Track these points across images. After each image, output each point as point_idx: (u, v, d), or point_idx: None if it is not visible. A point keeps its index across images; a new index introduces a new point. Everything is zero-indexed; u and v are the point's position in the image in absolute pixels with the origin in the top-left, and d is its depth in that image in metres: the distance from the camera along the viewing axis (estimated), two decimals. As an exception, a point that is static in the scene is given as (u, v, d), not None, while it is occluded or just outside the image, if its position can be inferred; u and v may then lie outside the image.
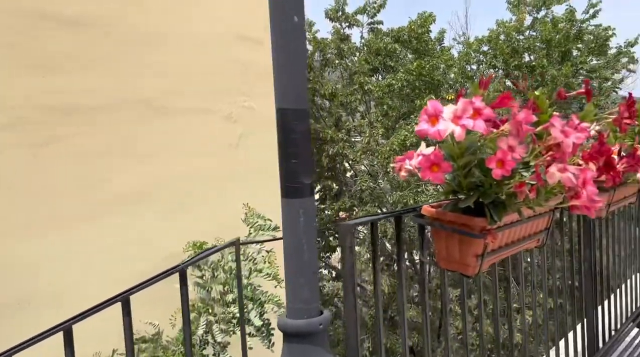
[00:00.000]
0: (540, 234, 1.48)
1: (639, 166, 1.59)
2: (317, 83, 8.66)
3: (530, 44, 10.49)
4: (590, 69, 10.75)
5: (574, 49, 10.83)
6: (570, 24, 10.58)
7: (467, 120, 1.01)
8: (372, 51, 9.54)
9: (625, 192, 2.27)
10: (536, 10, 11.14)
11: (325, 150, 8.21)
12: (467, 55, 10.96)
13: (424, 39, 9.62)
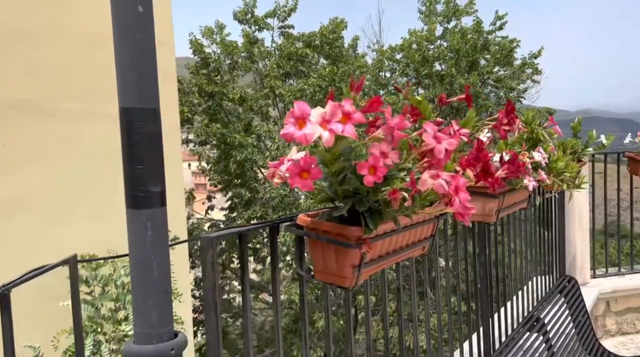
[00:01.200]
0: (425, 242, 1.50)
1: (520, 172, 1.65)
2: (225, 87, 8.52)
3: (440, 53, 11.07)
4: (496, 78, 11.53)
5: (481, 59, 11.57)
6: (478, 35, 11.30)
7: (336, 125, 0.98)
8: (284, 55, 9.59)
9: (515, 198, 2.40)
10: (447, 20, 11.79)
11: (233, 156, 8.08)
12: (380, 63, 11.34)
13: (336, 45, 9.82)
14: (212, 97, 8.98)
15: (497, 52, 11.15)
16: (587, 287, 4.25)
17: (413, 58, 10.73)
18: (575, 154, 3.65)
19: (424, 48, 10.94)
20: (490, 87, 11.34)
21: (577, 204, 4.26)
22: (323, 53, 9.74)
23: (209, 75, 9.41)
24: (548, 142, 2.45)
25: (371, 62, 11.19)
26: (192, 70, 9.93)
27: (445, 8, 11.85)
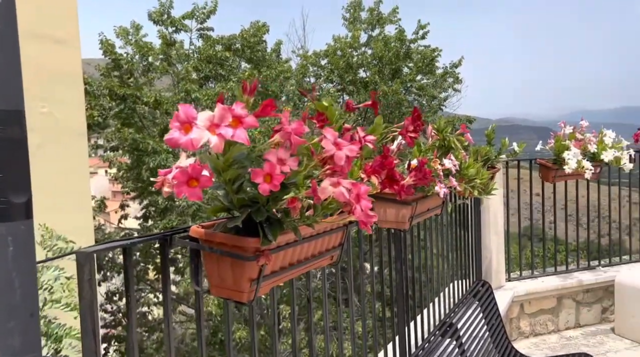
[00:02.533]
0: (334, 251, 1.49)
1: (428, 180, 1.69)
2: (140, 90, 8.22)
3: (364, 60, 11.34)
4: (419, 86, 11.97)
5: (404, 67, 11.98)
6: (401, 43, 11.68)
7: (226, 129, 0.95)
8: (202, 58, 9.41)
9: (429, 204, 2.47)
10: (371, 28, 12.11)
11: (146, 162, 7.80)
12: (304, 68, 11.44)
13: (258, 49, 9.78)
14: (124, 100, 8.63)
15: (420, 60, 11.61)
16: (502, 291, 4.48)
17: (337, 64, 10.92)
18: (488, 160, 3.84)
19: (348, 55, 11.18)
20: (413, 95, 11.78)
21: (492, 209, 4.48)
22: (244, 57, 9.68)
23: (121, 78, 9.05)
24: (459, 150, 2.55)
25: (295, 67, 11.26)
26: (103, 72, 9.52)
27: (369, 16, 12.19)
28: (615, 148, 4.71)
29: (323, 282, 2.01)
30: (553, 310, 4.72)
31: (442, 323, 2.50)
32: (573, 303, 4.81)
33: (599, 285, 4.89)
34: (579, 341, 4.55)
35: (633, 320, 4.47)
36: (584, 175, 4.47)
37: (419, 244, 2.87)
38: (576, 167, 4.39)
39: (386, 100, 10.11)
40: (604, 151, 4.63)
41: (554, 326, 4.72)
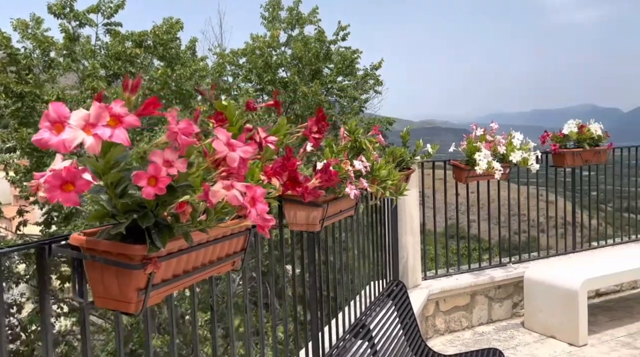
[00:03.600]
0: (235, 256, 1.47)
1: (334, 181, 1.70)
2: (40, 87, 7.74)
3: (283, 60, 11.36)
4: (340, 88, 12.15)
5: (324, 68, 12.12)
6: (321, 44, 11.81)
7: (103, 129, 0.90)
8: (110, 55, 9.02)
9: (341, 206, 2.49)
10: (290, 28, 12.16)
11: (47, 164, 7.37)
12: (221, 67, 11.27)
13: (171, 47, 9.52)
14: (22, 98, 8.06)
15: (340, 62, 11.79)
16: (418, 290, 4.63)
17: (256, 64, 10.86)
18: (403, 162, 3.96)
19: (267, 54, 11.15)
20: (334, 96, 11.97)
21: (408, 209, 4.62)
22: (157, 54, 9.38)
23: (18, 74, 8.46)
24: (371, 151, 2.60)
25: (212, 66, 11.07)
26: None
27: (289, 15, 12.23)
28: (523, 149, 5.00)
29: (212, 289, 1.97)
30: (467, 307, 4.94)
31: (354, 324, 2.54)
32: (486, 299, 5.07)
33: (510, 281, 5.18)
34: (491, 336, 4.79)
35: (540, 314, 4.78)
36: (494, 175, 4.72)
37: (335, 246, 2.90)
38: (486, 168, 4.62)
39: (306, 101, 10.19)
40: (512, 152, 4.91)
41: (468, 322, 4.95)
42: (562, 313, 4.59)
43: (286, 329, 2.49)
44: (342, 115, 11.25)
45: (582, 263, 5.21)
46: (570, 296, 4.52)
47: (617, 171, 6.65)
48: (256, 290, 5.67)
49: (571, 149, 5.67)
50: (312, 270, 2.55)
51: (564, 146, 5.69)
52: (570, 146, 5.72)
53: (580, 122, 5.76)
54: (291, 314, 5.78)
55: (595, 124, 5.77)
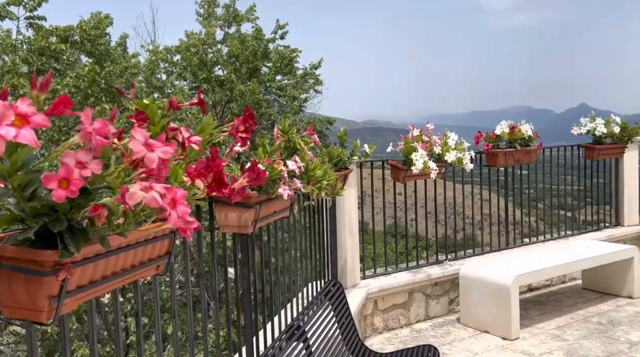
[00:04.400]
0: (159, 260, 1.44)
1: (263, 180, 1.70)
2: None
3: (219, 58, 11.21)
4: (279, 87, 12.14)
5: (262, 67, 12.07)
6: (258, 42, 11.74)
7: (7, 129, 0.87)
8: (33, 50, 8.61)
9: (275, 207, 2.50)
10: (227, 25, 12.03)
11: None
12: (154, 64, 10.99)
13: (100, 42, 9.19)
14: None
15: (278, 60, 11.78)
16: (357, 289, 4.70)
17: (191, 61, 10.67)
18: (340, 162, 4.01)
19: (202, 51, 10.98)
20: (273, 96, 11.94)
21: (347, 209, 4.68)
22: (84, 50, 9.02)
23: None
24: (305, 151, 2.62)
25: (144, 63, 10.78)
26: None
27: (225, 12, 12.09)
28: (457, 150, 5.18)
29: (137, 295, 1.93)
30: (405, 304, 5.06)
31: (289, 327, 2.55)
32: (423, 297, 5.21)
33: (446, 278, 5.35)
34: (428, 333, 4.93)
35: (475, 309, 4.96)
36: (430, 175, 4.86)
37: (270, 247, 2.90)
38: (423, 167, 4.75)
39: (244, 100, 10.11)
40: (447, 152, 5.07)
41: (406, 320, 5.07)
42: (496, 308, 4.78)
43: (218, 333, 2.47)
44: (281, 114, 11.25)
45: (514, 259, 5.45)
46: (503, 292, 4.72)
47: (549, 170, 7.01)
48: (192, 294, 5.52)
49: (503, 149, 5.92)
50: (246, 273, 2.54)
51: (496, 146, 5.93)
52: (503, 146, 5.98)
53: (512, 123, 6.03)
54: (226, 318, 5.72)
55: (526, 125, 6.06)
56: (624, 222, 7.14)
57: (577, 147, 6.90)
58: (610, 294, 5.85)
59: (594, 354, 4.37)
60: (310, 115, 12.88)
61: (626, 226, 7.11)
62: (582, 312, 5.39)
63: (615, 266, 5.71)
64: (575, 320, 5.17)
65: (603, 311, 5.40)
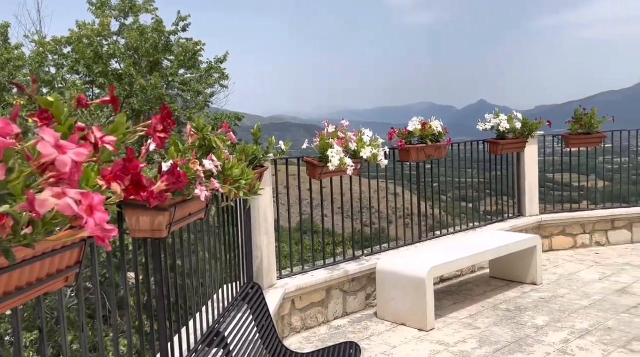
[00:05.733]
0: (69, 271, 1.36)
1: (183, 183, 1.65)
2: None
3: (116, 50, 10.72)
4: (182, 81, 11.80)
5: (164, 60, 11.68)
6: (159, 35, 11.34)
7: None
8: None
9: (190, 208, 2.43)
10: (123, 16, 11.51)
11: None
12: (41, 56, 10.29)
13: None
14: None
15: (181, 54, 11.44)
16: (274, 289, 4.69)
17: (84, 54, 10.09)
18: (256, 159, 3.98)
19: (97, 43, 10.43)
20: (176, 90, 11.60)
21: (262, 209, 4.65)
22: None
23: None
24: (222, 149, 2.56)
25: (30, 55, 10.04)
26: None
27: (121, 2, 11.54)
28: (372, 146, 5.30)
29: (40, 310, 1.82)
30: (323, 302, 5.13)
31: (208, 333, 2.49)
32: (341, 293, 5.30)
33: (363, 273, 5.48)
34: (346, 329, 5.03)
35: (392, 303, 5.12)
36: (347, 171, 4.94)
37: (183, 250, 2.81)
38: (339, 164, 4.82)
39: (145, 95, 9.73)
40: (363, 149, 5.18)
41: (324, 318, 5.14)
42: (411, 301, 4.97)
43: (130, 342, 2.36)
44: (185, 110, 10.95)
45: (427, 252, 5.68)
46: (418, 284, 4.91)
47: (456, 164, 7.38)
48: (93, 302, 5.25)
49: (416, 145, 6.15)
50: (159, 278, 2.45)
51: (409, 142, 6.15)
52: (415, 142, 6.21)
53: (423, 119, 6.27)
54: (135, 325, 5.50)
55: (436, 121, 6.33)
56: (526, 213, 7.68)
57: (482, 142, 7.31)
58: (516, 281, 6.27)
59: (504, 340, 4.66)
60: (217, 110, 12.66)
61: (528, 217, 7.65)
62: (491, 300, 5.73)
63: (519, 255, 6.13)
64: (486, 308, 5.49)
65: (510, 298, 5.78)
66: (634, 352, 4.33)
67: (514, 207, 7.77)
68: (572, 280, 6.34)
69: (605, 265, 6.93)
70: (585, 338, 4.63)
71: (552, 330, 4.84)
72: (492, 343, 4.60)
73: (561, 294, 5.84)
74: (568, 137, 7.66)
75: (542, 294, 5.84)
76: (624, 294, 5.73)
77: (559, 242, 7.74)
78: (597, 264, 6.98)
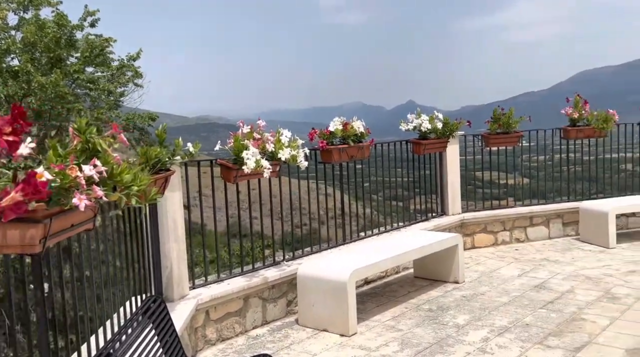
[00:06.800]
0: None
1: (41, 193, 1.50)
2: None
3: (10, 45, 10.10)
4: (89, 79, 11.28)
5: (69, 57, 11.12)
6: (61, 29, 10.78)
7: None
8: None
9: (72, 219, 2.25)
10: (22, 9, 10.89)
11: None
12: None
13: None
14: None
15: (87, 50, 10.92)
16: (185, 301, 4.53)
17: (-28, 48, 9.43)
18: (159, 163, 3.81)
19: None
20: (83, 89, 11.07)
21: (171, 215, 4.48)
22: None
23: None
24: (108, 153, 2.40)
25: None
26: None
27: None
28: (291, 147, 5.22)
29: None
30: (240, 311, 5.01)
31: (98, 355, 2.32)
32: (260, 301, 5.20)
33: (284, 279, 5.40)
34: (265, 339, 4.93)
35: (313, 309, 5.08)
36: (263, 174, 4.84)
37: (73, 265, 2.63)
38: (255, 166, 4.71)
39: (45, 94, 9.19)
40: (281, 150, 5.09)
41: (242, 328, 5.01)
42: (333, 306, 4.94)
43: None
44: (93, 110, 10.45)
45: (351, 254, 5.69)
46: (340, 289, 4.89)
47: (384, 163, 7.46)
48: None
49: (337, 146, 6.15)
50: (40, 297, 2.27)
51: (330, 143, 6.14)
52: (337, 143, 6.20)
53: (345, 119, 6.28)
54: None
55: (358, 121, 6.36)
56: (449, 212, 7.89)
57: (406, 142, 7.43)
58: (439, 280, 6.41)
59: (426, 341, 4.72)
60: (131, 110, 12.18)
61: (451, 215, 7.86)
62: (415, 300, 5.82)
63: (442, 254, 6.26)
64: (409, 309, 5.56)
65: (433, 297, 5.89)
66: (550, 347, 4.49)
67: (437, 206, 7.95)
68: (493, 277, 6.55)
69: (524, 261, 7.21)
70: (504, 335, 4.77)
71: (473, 329, 4.96)
72: (413, 345, 4.65)
73: (482, 291, 6.02)
74: (487, 136, 7.92)
75: (463, 293, 5.99)
76: (542, 290, 5.97)
77: (481, 240, 7.99)
78: (517, 260, 7.25)
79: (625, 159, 9.35)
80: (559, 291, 5.92)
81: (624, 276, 6.35)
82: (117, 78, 11.93)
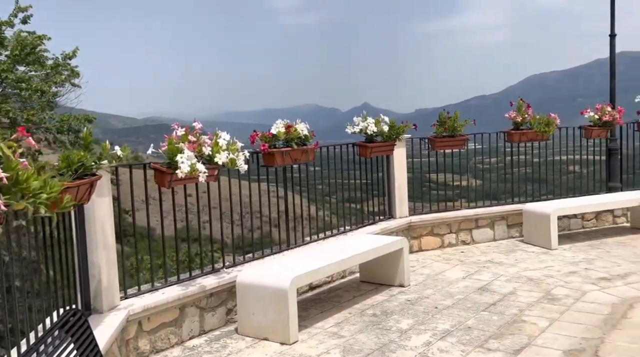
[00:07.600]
0: None
1: None
2: None
3: None
4: (19, 79, 10.84)
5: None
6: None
7: None
8: None
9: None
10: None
11: None
12: None
13: None
14: None
15: (16, 48, 10.50)
16: (115, 312, 4.38)
17: None
18: (83, 167, 3.66)
19: None
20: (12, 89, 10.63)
21: (100, 221, 4.33)
22: None
23: None
24: (11, 158, 2.27)
25: None
26: None
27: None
28: (230, 150, 5.13)
29: None
30: (176, 321, 4.88)
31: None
32: (197, 310, 5.08)
33: (223, 287, 5.30)
34: (202, 349, 4.82)
35: (253, 317, 5.00)
36: (199, 178, 4.72)
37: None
38: (189, 171, 4.60)
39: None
40: (218, 153, 4.99)
41: (178, 338, 4.89)
42: (274, 313, 4.88)
43: None
44: (23, 111, 10.05)
45: (294, 260, 5.63)
46: (281, 296, 4.83)
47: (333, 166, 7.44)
48: None
49: (280, 149, 6.08)
50: None
51: (273, 146, 6.06)
52: (280, 146, 6.13)
53: (288, 122, 6.22)
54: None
55: (302, 124, 6.31)
56: (396, 215, 7.94)
57: (352, 145, 7.44)
58: (385, 284, 6.44)
59: (368, 348, 4.71)
60: (67, 111, 11.78)
61: (398, 218, 7.92)
62: (359, 305, 5.81)
63: (387, 258, 6.29)
64: (352, 314, 5.55)
65: (378, 302, 5.90)
66: (490, 350, 4.56)
67: (385, 209, 7.99)
68: (438, 280, 6.63)
69: (469, 263, 7.33)
70: (446, 339, 4.82)
71: (416, 333, 4.99)
72: (355, 352, 4.64)
73: (427, 294, 6.07)
74: (434, 139, 8.03)
75: (408, 296, 6.03)
76: (485, 292, 6.07)
77: (428, 243, 8.09)
78: (462, 263, 7.37)
79: (574, 161, 9.66)
80: (501, 292, 6.03)
81: (564, 277, 6.53)
82: (52, 77, 11.52)
